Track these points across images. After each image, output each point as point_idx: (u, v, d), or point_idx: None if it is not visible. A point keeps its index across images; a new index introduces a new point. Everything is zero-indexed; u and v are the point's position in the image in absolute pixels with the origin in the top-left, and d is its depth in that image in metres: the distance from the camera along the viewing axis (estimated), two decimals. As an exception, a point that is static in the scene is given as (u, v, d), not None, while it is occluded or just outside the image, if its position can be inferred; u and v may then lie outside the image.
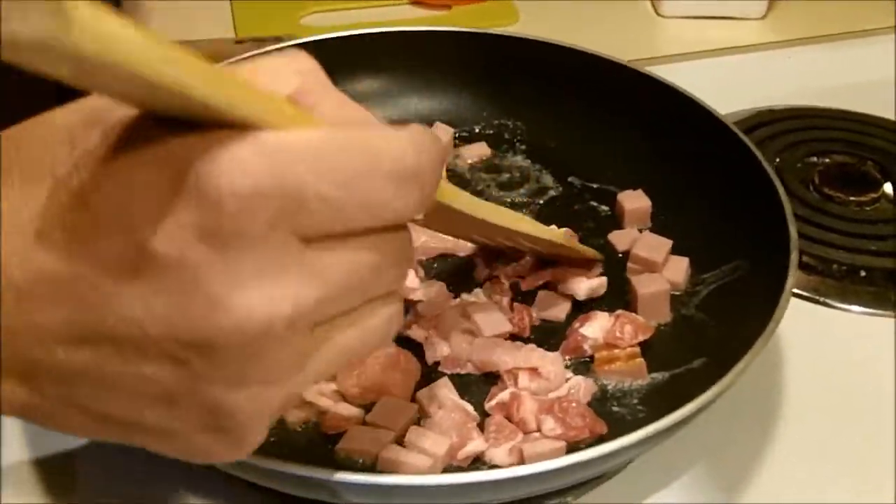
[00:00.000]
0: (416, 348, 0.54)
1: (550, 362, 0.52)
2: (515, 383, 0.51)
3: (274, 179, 0.26)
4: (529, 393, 0.50)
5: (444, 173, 0.40)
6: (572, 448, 0.47)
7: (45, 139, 0.29)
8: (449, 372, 0.53)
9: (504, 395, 0.51)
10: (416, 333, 0.54)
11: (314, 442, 0.49)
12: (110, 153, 0.27)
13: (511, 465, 0.47)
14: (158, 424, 0.30)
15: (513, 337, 0.55)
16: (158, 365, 0.28)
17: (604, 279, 0.58)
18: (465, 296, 0.57)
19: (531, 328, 0.55)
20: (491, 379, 0.53)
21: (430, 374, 0.53)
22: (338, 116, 0.31)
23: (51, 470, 0.50)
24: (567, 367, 0.53)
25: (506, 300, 0.56)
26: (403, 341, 0.54)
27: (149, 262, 0.27)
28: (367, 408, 0.50)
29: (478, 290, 0.57)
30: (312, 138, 0.27)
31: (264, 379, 0.29)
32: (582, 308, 0.56)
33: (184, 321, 0.27)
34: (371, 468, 0.47)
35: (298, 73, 0.31)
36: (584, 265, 0.58)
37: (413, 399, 0.51)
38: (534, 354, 0.52)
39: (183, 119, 0.26)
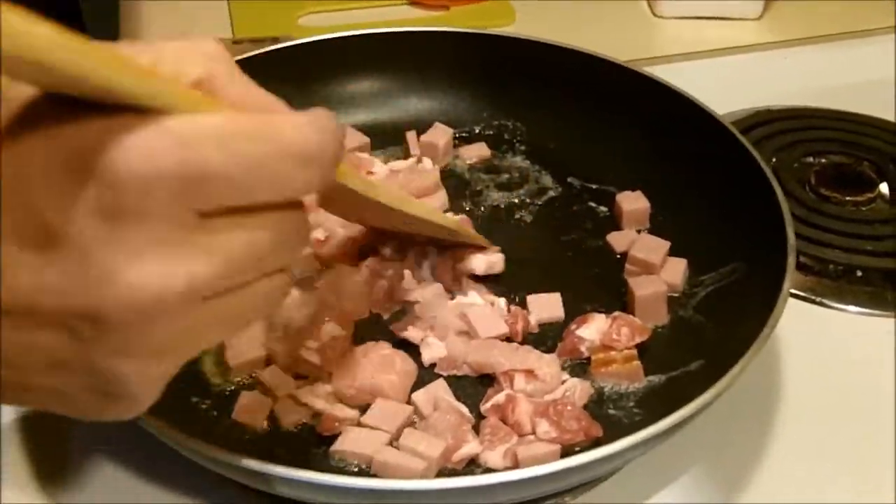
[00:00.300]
0: (411, 349, 0.54)
1: (546, 364, 0.52)
2: (511, 385, 0.51)
3: (176, 162, 0.27)
4: (525, 395, 0.51)
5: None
6: (567, 451, 0.48)
7: None
8: (445, 373, 0.53)
9: (499, 398, 0.51)
10: (413, 335, 0.55)
11: (309, 443, 0.49)
12: (12, 130, 0.28)
13: (506, 468, 0.47)
14: (50, 387, 0.31)
15: (508, 339, 0.55)
16: (51, 334, 0.29)
17: (501, 255, 0.59)
18: (460, 297, 0.57)
19: (527, 332, 0.55)
20: (487, 381, 0.53)
21: (425, 375, 0.53)
22: (244, 101, 0.31)
23: (47, 470, 0.50)
24: (563, 368, 0.53)
25: (502, 302, 0.57)
26: (399, 342, 0.54)
27: (45, 237, 0.28)
28: (363, 409, 0.50)
29: (473, 293, 0.57)
30: (217, 121, 0.28)
31: (154, 350, 0.30)
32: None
33: (77, 293, 0.28)
34: (366, 470, 0.47)
35: (204, 57, 0.31)
36: (479, 250, 0.59)
37: (409, 400, 0.51)
38: (530, 356, 0.52)
39: (88, 100, 0.27)
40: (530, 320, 0.56)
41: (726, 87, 0.82)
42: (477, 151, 0.70)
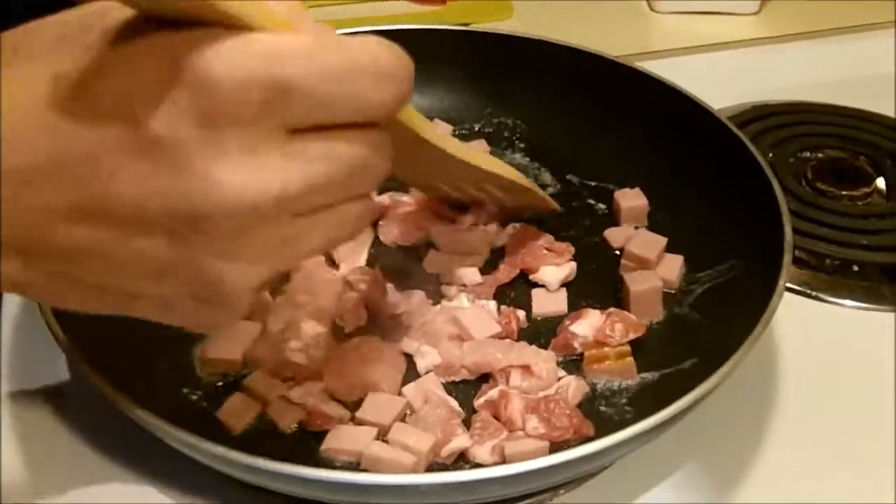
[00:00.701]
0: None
1: (543, 360, 0.52)
2: (507, 381, 0.51)
3: (266, 71, 0.29)
4: (520, 391, 0.51)
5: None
6: (557, 448, 0.48)
7: (43, 39, 0.31)
8: (443, 380, 0.53)
9: (493, 393, 0.51)
10: (407, 345, 0.54)
11: (302, 443, 0.49)
12: (110, 47, 0.30)
13: (494, 463, 0.48)
14: (153, 294, 0.33)
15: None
16: (154, 239, 0.31)
17: (573, 265, 0.59)
18: (445, 302, 0.57)
19: (519, 330, 0.56)
20: (482, 377, 0.53)
21: (415, 367, 0.53)
22: (316, 30, 0.33)
23: (46, 467, 0.51)
24: (558, 364, 0.53)
25: (492, 304, 0.57)
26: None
27: (147, 144, 0.29)
28: (356, 406, 0.50)
29: (462, 295, 0.57)
30: (303, 39, 0.30)
31: (251, 256, 0.32)
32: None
33: (179, 197, 0.30)
34: (357, 466, 0.48)
35: None
36: (544, 208, 0.61)
37: (401, 392, 0.51)
38: (527, 352, 0.52)
39: (181, 19, 0.29)
40: (534, 310, 0.56)
41: (723, 82, 0.82)
42: (477, 148, 0.70)
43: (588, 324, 0.54)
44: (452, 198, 0.62)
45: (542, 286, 0.58)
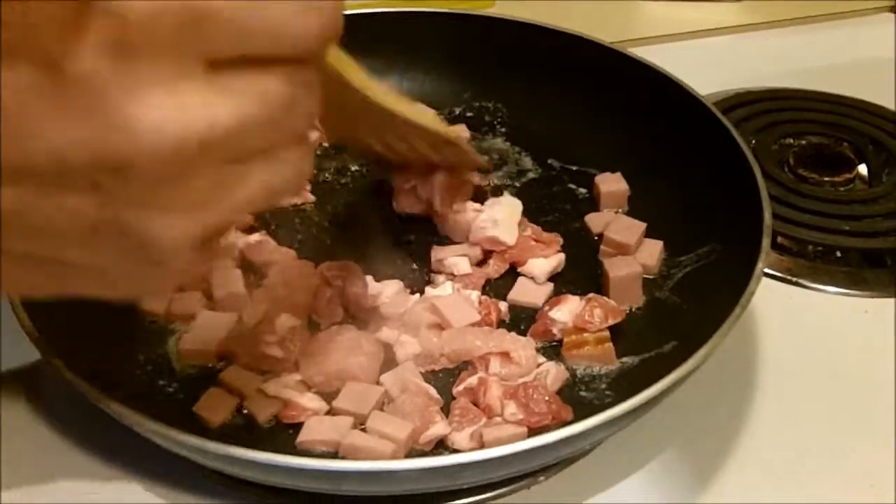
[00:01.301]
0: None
1: (522, 347, 0.51)
2: (486, 369, 0.51)
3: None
4: (499, 378, 0.50)
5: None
6: (536, 434, 0.46)
7: None
8: (423, 369, 0.52)
9: (472, 381, 0.50)
10: (387, 335, 0.54)
11: (279, 435, 0.49)
12: None
13: (472, 449, 0.47)
14: (86, 262, 0.31)
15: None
16: (79, 195, 0.29)
17: (561, 256, 0.58)
18: (429, 289, 0.56)
19: (499, 319, 0.55)
20: (461, 365, 0.53)
21: (393, 356, 0.53)
22: None
23: (43, 467, 0.50)
24: (537, 350, 0.53)
25: (475, 294, 0.56)
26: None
27: (61, 86, 0.27)
28: (332, 397, 0.50)
29: (447, 283, 0.57)
30: None
31: (181, 205, 0.30)
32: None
33: (98, 142, 0.27)
34: (335, 456, 0.47)
35: None
36: (472, 168, 0.60)
37: (378, 382, 0.51)
38: (506, 338, 0.52)
39: None
40: (510, 296, 0.56)
41: (706, 69, 0.82)
42: (455, 131, 0.70)
43: (567, 309, 0.53)
44: (381, 156, 0.61)
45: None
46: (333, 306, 0.55)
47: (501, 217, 0.59)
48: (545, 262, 0.58)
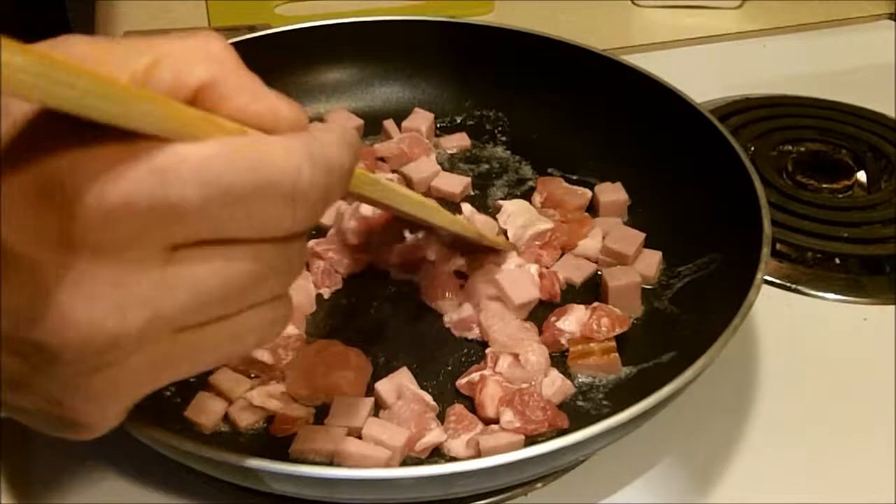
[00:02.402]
0: (363, 345, 0.53)
1: (533, 352, 0.51)
2: (494, 366, 0.51)
3: (148, 197, 0.26)
4: (502, 378, 0.50)
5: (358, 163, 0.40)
6: (532, 442, 0.47)
7: None
8: (458, 334, 0.54)
9: (474, 376, 0.51)
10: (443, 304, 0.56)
11: (267, 446, 0.48)
12: (7, 147, 0.27)
13: (469, 457, 0.47)
14: (12, 403, 0.30)
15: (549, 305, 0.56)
16: (11, 357, 0.28)
17: (600, 231, 0.60)
18: (494, 260, 0.57)
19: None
20: (456, 372, 0.53)
21: (381, 370, 0.52)
22: (248, 113, 0.29)
23: (40, 471, 0.50)
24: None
25: (534, 268, 0.56)
26: (356, 339, 0.53)
27: (6, 261, 0.26)
28: (319, 408, 0.50)
29: (512, 254, 0.57)
30: (199, 155, 0.26)
31: (110, 388, 0.28)
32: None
33: (30, 324, 0.26)
34: (329, 464, 0.47)
35: (209, 59, 0.29)
36: (497, 252, 0.58)
37: (368, 393, 0.51)
38: (524, 342, 0.52)
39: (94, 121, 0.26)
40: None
41: (705, 76, 0.82)
42: (457, 141, 0.70)
43: (574, 319, 0.54)
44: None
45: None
46: (329, 273, 0.57)
47: (522, 218, 0.60)
48: (592, 240, 0.60)
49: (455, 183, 0.65)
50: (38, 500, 0.48)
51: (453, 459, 0.48)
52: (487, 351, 0.52)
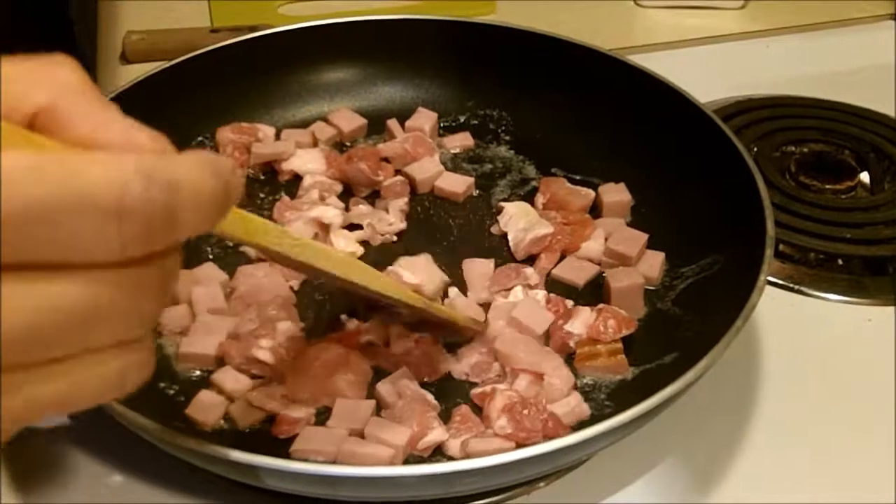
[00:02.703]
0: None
1: (559, 377, 0.51)
2: (512, 383, 0.51)
3: None
4: (516, 395, 0.50)
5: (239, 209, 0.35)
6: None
7: None
8: (477, 380, 0.52)
9: (487, 388, 0.51)
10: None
11: (268, 445, 0.48)
12: None
13: (462, 457, 0.47)
14: None
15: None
16: None
17: (602, 231, 0.60)
18: (500, 298, 0.56)
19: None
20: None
21: (380, 372, 0.52)
22: (96, 141, 0.27)
23: (41, 469, 0.50)
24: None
25: (541, 294, 0.56)
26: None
27: None
28: (320, 411, 0.50)
29: (517, 288, 0.56)
30: (8, 161, 0.23)
31: None
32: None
33: None
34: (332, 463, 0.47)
35: (54, 84, 0.27)
36: (460, 333, 0.54)
37: (369, 396, 0.51)
38: (548, 364, 0.51)
39: None
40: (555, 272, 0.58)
41: (708, 76, 0.82)
42: (461, 141, 0.70)
43: (581, 321, 0.54)
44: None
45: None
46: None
47: (523, 221, 0.60)
48: (594, 242, 0.59)
49: (458, 183, 0.65)
50: (38, 500, 0.49)
51: (451, 459, 0.48)
52: (508, 369, 0.52)
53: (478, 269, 0.59)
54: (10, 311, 0.24)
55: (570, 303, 0.56)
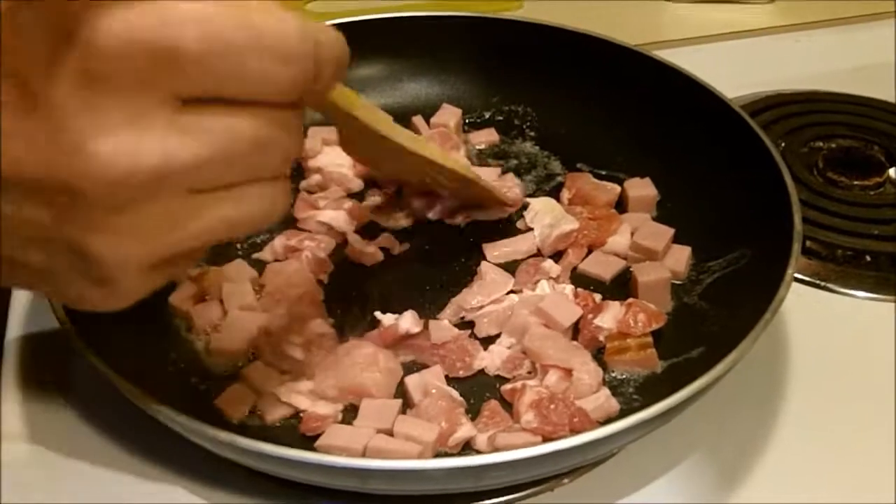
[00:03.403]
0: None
1: (588, 373, 0.51)
2: (543, 378, 0.51)
3: (154, 35, 0.28)
4: (547, 391, 0.50)
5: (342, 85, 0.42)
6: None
7: None
8: (508, 375, 0.52)
9: (517, 384, 0.51)
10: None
11: (293, 440, 0.49)
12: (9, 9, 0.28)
13: (491, 451, 0.47)
14: (41, 265, 0.32)
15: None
16: (35, 206, 0.30)
17: (628, 226, 0.60)
18: (527, 291, 0.57)
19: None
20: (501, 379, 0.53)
21: (410, 370, 0.53)
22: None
23: (40, 469, 0.51)
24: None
25: (568, 288, 0.56)
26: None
27: (31, 103, 0.28)
28: (345, 407, 0.50)
29: (542, 282, 0.57)
30: (202, 5, 0.29)
31: (133, 231, 0.30)
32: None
33: (52, 162, 0.28)
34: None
35: None
36: (499, 206, 0.61)
37: (398, 391, 0.51)
38: (577, 359, 0.51)
39: None
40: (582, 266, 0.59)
41: (737, 71, 0.82)
42: (486, 137, 0.70)
43: (610, 315, 0.54)
44: (414, 186, 0.63)
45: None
46: (318, 260, 0.59)
47: (549, 216, 0.61)
48: (620, 237, 0.60)
49: (488, 174, 0.65)
50: (39, 500, 0.49)
51: (479, 453, 0.48)
52: (538, 365, 0.52)
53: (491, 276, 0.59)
54: (198, 138, 0.29)
55: (598, 296, 0.56)
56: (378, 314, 0.55)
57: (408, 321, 0.54)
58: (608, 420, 0.49)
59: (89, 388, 0.54)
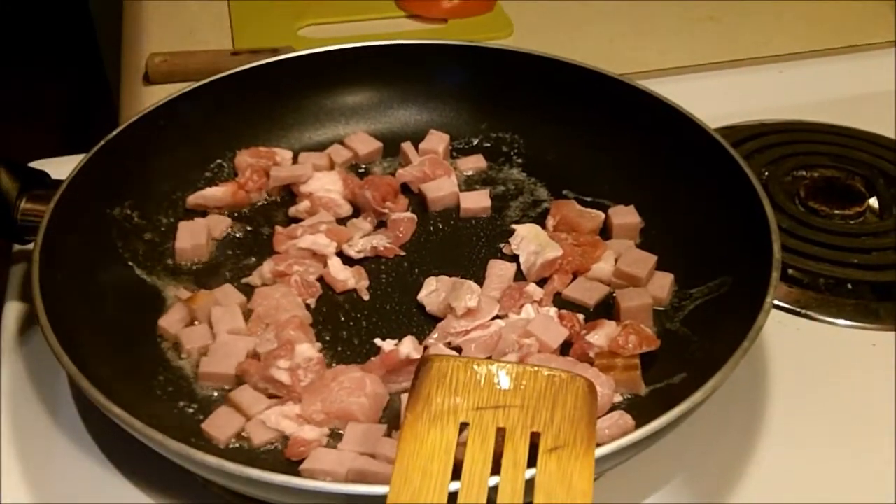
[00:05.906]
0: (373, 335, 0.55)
1: (601, 384, 0.51)
2: None
3: None
4: None
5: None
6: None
7: None
8: None
9: None
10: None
11: (278, 464, 0.49)
12: None
13: None
14: None
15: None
16: None
17: (612, 252, 0.61)
18: (512, 315, 0.57)
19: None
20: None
21: (397, 397, 0.53)
22: None
23: (40, 471, 0.51)
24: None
25: (553, 311, 0.57)
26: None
27: None
28: (332, 433, 0.51)
29: (528, 306, 0.57)
30: None
31: None
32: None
33: None
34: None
35: None
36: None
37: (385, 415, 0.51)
38: (588, 374, 0.52)
39: None
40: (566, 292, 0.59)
41: (721, 101, 0.83)
42: (474, 163, 0.71)
43: (604, 334, 0.54)
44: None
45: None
46: (306, 284, 0.60)
47: (534, 243, 0.62)
48: (604, 263, 0.60)
49: (479, 198, 0.67)
50: (39, 500, 0.50)
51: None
52: None
53: (498, 270, 0.61)
54: None
55: (581, 316, 0.57)
56: (378, 340, 0.55)
57: (408, 346, 0.54)
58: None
59: (78, 408, 0.54)
